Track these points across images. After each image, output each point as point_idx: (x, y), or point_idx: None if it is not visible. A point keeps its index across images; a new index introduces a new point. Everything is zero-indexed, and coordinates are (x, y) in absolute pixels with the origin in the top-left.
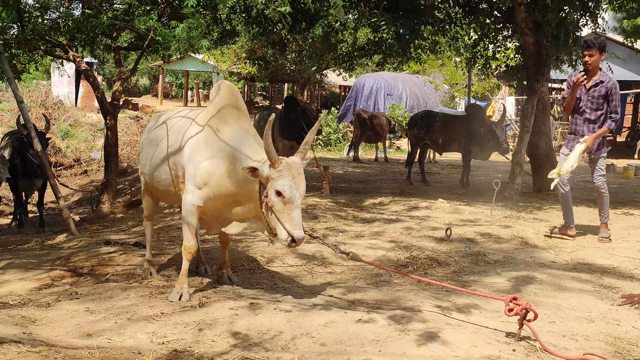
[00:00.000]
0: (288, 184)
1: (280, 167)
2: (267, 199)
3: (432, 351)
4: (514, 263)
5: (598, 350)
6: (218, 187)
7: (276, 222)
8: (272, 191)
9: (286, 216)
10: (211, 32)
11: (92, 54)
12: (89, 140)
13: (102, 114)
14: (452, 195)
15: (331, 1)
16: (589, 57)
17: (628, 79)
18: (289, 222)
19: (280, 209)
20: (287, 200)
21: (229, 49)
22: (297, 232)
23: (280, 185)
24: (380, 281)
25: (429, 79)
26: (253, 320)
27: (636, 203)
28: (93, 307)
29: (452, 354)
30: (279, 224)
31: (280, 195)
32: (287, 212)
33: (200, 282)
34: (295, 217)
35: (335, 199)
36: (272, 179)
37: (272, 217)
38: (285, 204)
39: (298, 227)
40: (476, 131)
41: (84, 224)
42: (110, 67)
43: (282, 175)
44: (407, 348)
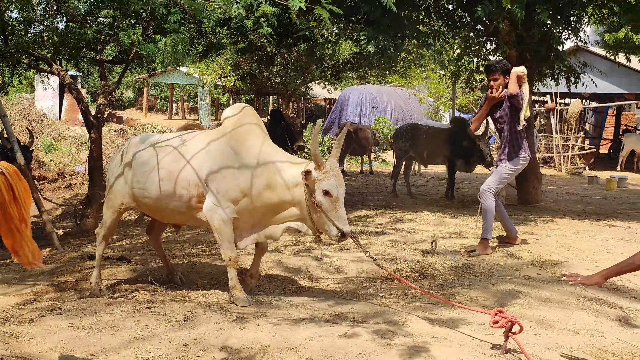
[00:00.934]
0: (334, 184)
1: (326, 169)
2: (314, 199)
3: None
4: (499, 275)
5: None
6: (259, 197)
7: (325, 220)
8: (319, 192)
9: (334, 214)
10: (196, 45)
11: (76, 67)
12: (73, 153)
13: (86, 127)
14: (437, 208)
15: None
16: (493, 82)
17: (610, 92)
18: (337, 218)
19: (328, 208)
20: (334, 199)
21: (214, 61)
22: (346, 227)
23: (327, 185)
24: (367, 294)
25: (413, 91)
26: (239, 335)
27: (619, 215)
28: (77, 322)
29: None
30: (328, 221)
31: (328, 194)
32: (335, 209)
33: (186, 296)
34: (342, 214)
35: None
36: (318, 180)
37: (320, 216)
38: (332, 203)
39: (345, 223)
40: (461, 144)
41: (68, 238)
42: (95, 80)
43: (328, 176)
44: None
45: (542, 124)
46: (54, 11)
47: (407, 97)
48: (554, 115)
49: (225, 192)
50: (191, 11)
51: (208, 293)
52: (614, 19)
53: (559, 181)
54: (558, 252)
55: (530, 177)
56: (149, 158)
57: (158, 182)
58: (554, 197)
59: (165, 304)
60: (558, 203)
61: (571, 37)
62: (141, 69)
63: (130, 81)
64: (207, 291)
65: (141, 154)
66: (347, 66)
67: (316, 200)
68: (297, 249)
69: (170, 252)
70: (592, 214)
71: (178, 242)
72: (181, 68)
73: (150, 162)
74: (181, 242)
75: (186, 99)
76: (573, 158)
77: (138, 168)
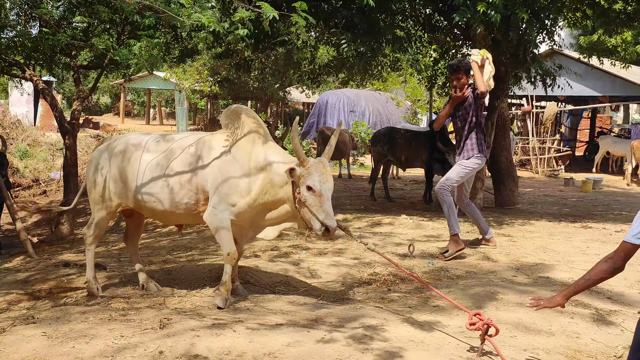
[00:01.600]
0: (317, 179)
1: (309, 165)
2: (299, 195)
3: None
4: (476, 278)
5: None
6: (256, 200)
7: (310, 215)
8: (303, 187)
9: (318, 208)
10: (171, 50)
11: (50, 73)
12: (48, 160)
13: (61, 133)
14: (415, 211)
15: (293, 20)
16: (456, 81)
17: (585, 95)
18: (321, 213)
19: (312, 203)
20: (317, 194)
21: (191, 66)
22: (330, 222)
23: (310, 181)
24: (344, 299)
25: (391, 95)
26: (215, 341)
27: (594, 216)
28: (50, 331)
29: None
30: (313, 216)
31: (311, 189)
32: (319, 204)
33: (162, 303)
34: (326, 209)
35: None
36: (302, 177)
37: (305, 211)
38: (316, 198)
39: (330, 218)
40: (438, 147)
41: (43, 246)
42: (70, 86)
43: (311, 172)
44: None
45: (519, 127)
46: (27, 16)
47: (385, 101)
48: (530, 118)
49: (225, 195)
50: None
51: (184, 299)
52: (588, 23)
53: (536, 183)
54: (534, 254)
55: (507, 179)
56: (156, 162)
57: (167, 187)
58: (531, 199)
59: (141, 311)
60: (535, 205)
61: (546, 40)
62: (117, 74)
63: (106, 86)
64: (184, 297)
65: (145, 157)
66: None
67: (301, 196)
68: (275, 254)
69: (147, 259)
70: (568, 215)
71: (154, 249)
72: (158, 73)
73: (158, 167)
74: (157, 248)
75: (163, 104)
76: (549, 160)
77: (145, 172)
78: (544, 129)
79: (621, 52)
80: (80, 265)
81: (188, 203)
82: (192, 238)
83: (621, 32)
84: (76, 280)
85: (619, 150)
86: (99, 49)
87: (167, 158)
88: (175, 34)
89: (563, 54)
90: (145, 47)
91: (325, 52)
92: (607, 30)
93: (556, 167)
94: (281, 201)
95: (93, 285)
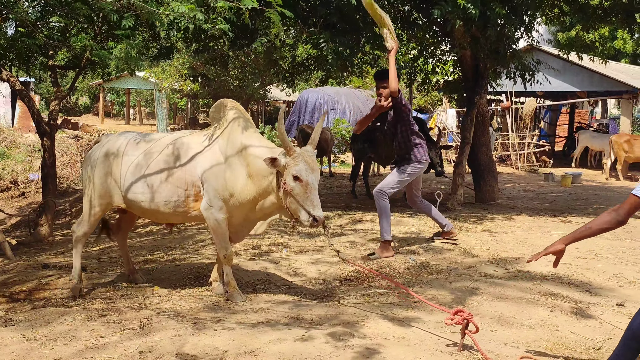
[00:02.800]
0: (304, 168)
1: (295, 155)
2: (285, 185)
3: None
4: (456, 273)
5: (538, 357)
6: (243, 192)
7: (296, 205)
8: (289, 177)
9: (305, 199)
10: (149, 48)
11: (27, 73)
12: (27, 161)
13: (39, 134)
14: (395, 208)
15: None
16: (382, 90)
17: (563, 90)
18: (308, 203)
19: (299, 193)
20: (304, 184)
21: (170, 65)
22: (317, 212)
23: (296, 170)
24: (325, 296)
25: (371, 92)
26: (196, 341)
27: (574, 211)
28: (29, 333)
29: None
30: (300, 206)
31: (298, 179)
32: (306, 194)
33: (142, 303)
34: (313, 199)
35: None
36: (288, 166)
37: (292, 202)
38: (302, 187)
39: (318, 208)
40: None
41: (22, 248)
42: (48, 86)
43: (297, 162)
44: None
45: (498, 123)
46: (3, 16)
47: (365, 98)
48: (510, 114)
49: (216, 191)
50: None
51: (165, 299)
52: (566, 19)
53: (516, 179)
54: (514, 249)
55: (487, 175)
56: (144, 160)
57: (156, 185)
58: (511, 194)
59: (121, 312)
60: (515, 200)
61: (524, 36)
62: (96, 75)
63: (85, 87)
64: (164, 297)
65: (133, 156)
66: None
67: (287, 186)
68: (256, 252)
69: None
70: (548, 210)
71: (135, 249)
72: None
73: (146, 165)
74: (137, 248)
75: (143, 104)
76: (529, 156)
77: (133, 171)
78: (523, 124)
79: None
80: (59, 267)
81: (177, 201)
82: (173, 237)
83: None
84: (55, 281)
85: (597, 145)
86: (76, 49)
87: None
88: (153, 32)
89: (542, 50)
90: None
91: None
92: (585, 26)
93: (536, 164)
94: (267, 192)
95: (78, 284)
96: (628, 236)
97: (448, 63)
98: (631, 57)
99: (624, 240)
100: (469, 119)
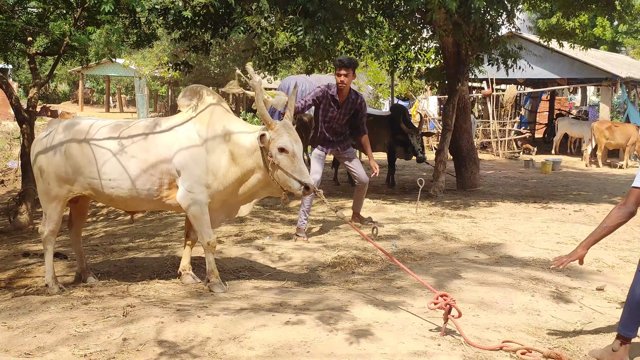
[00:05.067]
0: (288, 139)
1: (277, 127)
2: (272, 158)
3: (360, 350)
4: (439, 259)
5: (520, 340)
6: (226, 175)
7: (286, 177)
8: (275, 150)
9: (294, 169)
10: (129, 35)
11: (4, 60)
12: (5, 149)
13: (18, 121)
14: (378, 195)
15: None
16: (344, 77)
17: (544, 77)
18: (297, 173)
19: (286, 164)
20: (291, 155)
21: (150, 52)
22: (307, 180)
23: (281, 142)
24: (309, 282)
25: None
26: (179, 328)
27: (554, 197)
28: (10, 322)
29: (379, 351)
30: (289, 177)
31: (284, 151)
32: (293, 165)
33: (125, 291)
34: (302, 169)
35: (261, 201)
36: (272, 140)
37: (280, 174)
38: (289, 158)
39: (307, 176)
40: (400, 131)
41: (1, 236)
42: (26, 73)
43: (281, 134)
44: (335, 348)
45: (479, 110)
46: None
47: None
48: (491, 101)
49: (198, 177)
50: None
51: (148, 287)
52: (547, 6)
53: (497, 166)
54: (496, 235)
55: (468, 162)
56: (111, 145)
57: (127, 172)
58: (492, 181)
59: (104, 300)
60: (496, 187)
61: (505, 23)
62: (75, 61)
63: (64, 74)
64: (147, 285)
65: (97, 141)
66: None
67: (274, 159)
68: (238, 239)
69: (109, 247)
70: (529, 196)
71: (117, 236)
72: (117, 60)
73: (114, 150)
74: (120, 235)
75: (123, 92)
76: (510, 143)
77: (98, 157)
78: (504, 111)
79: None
80: (40, 254)
81: (150, 189)
82: (154, 225)
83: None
84: (36, 269)
85: (577, 131)
86: (55, 34)
87: (127, 141)
88: (133, 19)
89: (523, 37)
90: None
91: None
92: (565, 13)
93: (517, 150)
94: (251, 171)
95: (54, 287)
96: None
97: (430, 51)
98: (610, 44)
99: None
100: (450, 106)
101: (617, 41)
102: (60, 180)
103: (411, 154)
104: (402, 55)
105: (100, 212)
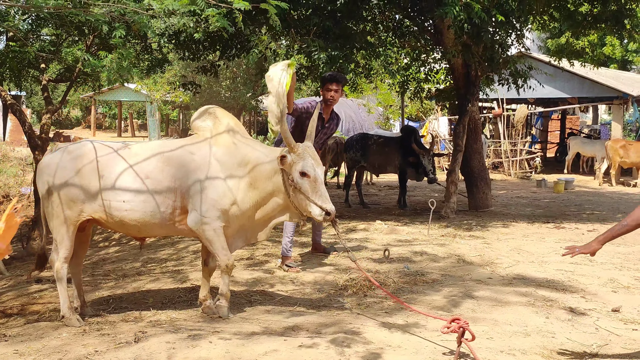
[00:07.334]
0: (310, 164)
1: (299, 151)
2: (293, 182)
3: None
4: (451, 281)
5: None
6: (244, 199)
7: (306, 201)
8: (296, 174)
9: (315, 194)
10: (141, 61)
11: (18, 87)
12: (19, 175)
13: (31, 148)
14: (389, 217)
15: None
16: (334, 92)
17: (554, 97)
18: (318, 198)
19: (308, 188)
20: (312, 179)
21: (161, 77)
22: (329, 206)
23: (303, 166)
24: (321, 306)
25: (362, 102)
26: (191, 353)
27: (567, 217)
28: (22, 349)
29: None
30: (310, 202)
31: (305, 175)
32: (315, 189)
33: (137, 316)
34: (323, 193)
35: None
36: (294, 163)
37: (300, 199)
38: (311, 183)
39: (328, 201)
40: (411, 152)
41: (14, 262)
42: (39, 100)
43: (303, 157)
44: None
45: (490, 130)
46: None
47: (357, 108)
48: (502, 121)
49: (214, 202)
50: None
51: (160, 312)
52: (555, 25)
53: (509, 185)
54: (509, 256)
55: (479, 182)
56: (125, 166)
57: (141, 194)
58: (504, 201)
59: (116, 325)
60: (508, 207)
61: (515, 43)
62: (87, 87)
63: (76, 99)
64: (159, 310)
65: (111, 161)
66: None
67: (295, 183)
68: (250, 263)
69: (121, 272)
70: (541, 216)
71: (128, 262)
72: (129, 85)
73: (128, 171)
74: (131, 260)
75: (135, 116)
76: (521, 162)
77: (113, 177)
78: (515, 131)
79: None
80: (52, 280)
81: (164, 212)
82: (166, 250)
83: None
84: (48, 295)
85: (589, 150)
86: (68, 61)
87: (140, 163)
88: (144, 44)
89: (532, 57)
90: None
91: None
92: (575, 32)
93: (528, 170)
94: (270, 194)
95: (71, 318)
96: (622, 242)
97: (440, 72)
98: (620, 62)
99: (617, 246)
100: (461, 127)
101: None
102: (70, 201)
103: (422, 175)
104: (412, 77)
105: (113, 236)
